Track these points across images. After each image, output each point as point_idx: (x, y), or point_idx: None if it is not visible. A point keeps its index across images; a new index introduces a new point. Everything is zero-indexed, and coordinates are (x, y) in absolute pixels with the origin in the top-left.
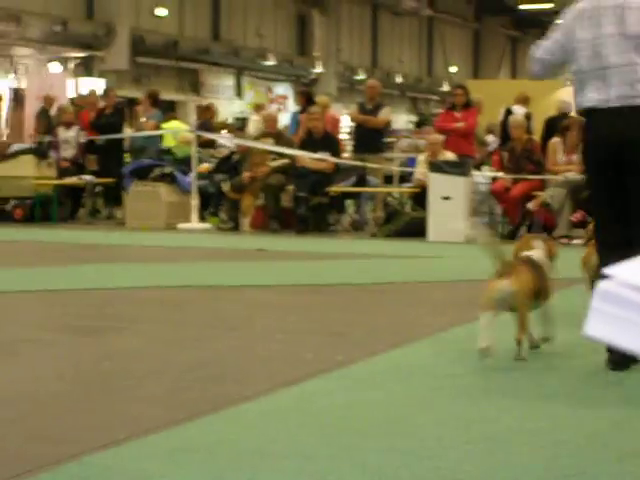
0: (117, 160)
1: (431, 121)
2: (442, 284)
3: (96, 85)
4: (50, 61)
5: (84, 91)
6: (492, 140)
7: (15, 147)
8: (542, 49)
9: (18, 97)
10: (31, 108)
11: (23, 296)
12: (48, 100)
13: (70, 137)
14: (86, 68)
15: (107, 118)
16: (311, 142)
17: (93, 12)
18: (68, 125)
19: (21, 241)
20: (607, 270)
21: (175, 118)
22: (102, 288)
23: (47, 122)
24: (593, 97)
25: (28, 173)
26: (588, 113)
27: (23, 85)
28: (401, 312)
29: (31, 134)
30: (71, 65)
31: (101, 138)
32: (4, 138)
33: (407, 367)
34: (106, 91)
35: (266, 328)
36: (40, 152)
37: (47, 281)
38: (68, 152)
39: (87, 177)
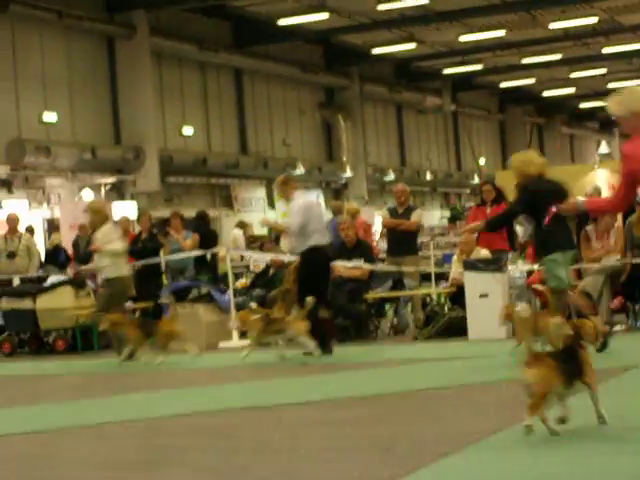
0: (155, 284)
1: (464, 215)
2: (485, 386)
3: (129, 208)
4: (82, 189)
5: (117, 216)
6: (522, 230)
7: (52, 279)
8: None
9: (52, 227)
10: (66, 237)
11: (69, 432)
12: (83, 228)
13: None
14: (118, 192)
15: (143, 243)
16: (344, 251)
17: (121, 137)
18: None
19: (64, 374)
20: None
21: None
22: (147, 418)
23: (84, 250)
24: None
25: (67, 304)
26: None
27: (57, 215)
28: (445, 419)
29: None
30: (103, 191)
31: (138, 264)
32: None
33: None
34: (140, 216)
35: (311, 448)
36: (78, 282)
37: (92, 414)
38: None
39: (126, 303)
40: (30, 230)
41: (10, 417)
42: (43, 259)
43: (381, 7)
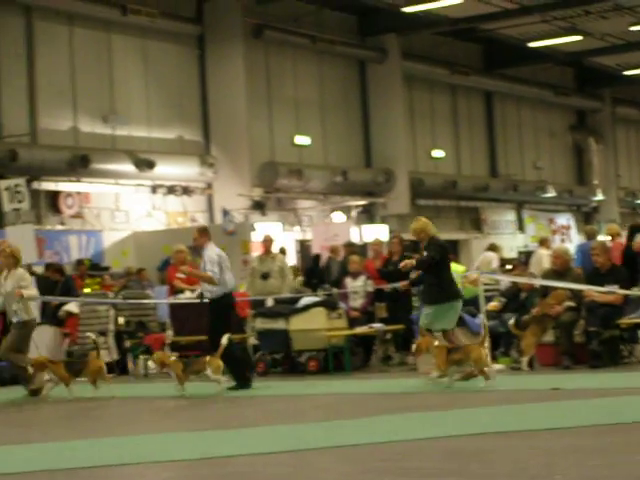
0: (406, 306)
1: None
2: None
3: (379, 231)
4: (333, 211)
5: (368, 238)
6: None
7: (305, 300)
8: None
9: (304, 249)
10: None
11: (321, 453)
12: (335, 250)
13: (358, 287)
14: (368, 215)
15: (395, 265)
16: (597, 275)
17: (371, 160)
18: (355, 275)
19: (318, 394)
20: None
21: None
22: (400, 440)
23: (338, 272)
24: None
25: (320, 325)
26: None
27: (308, 236)
28: None
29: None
30: (353, 213)
31: (388, 287)
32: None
33: None
34: (391, 238)
35: (566, 476)
36: (330, 304)
37: (344, 435)
38: (357, 302)
39: (377, 325)
40: (283, 251)
41: (268, 435)
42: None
43: (634, 28)
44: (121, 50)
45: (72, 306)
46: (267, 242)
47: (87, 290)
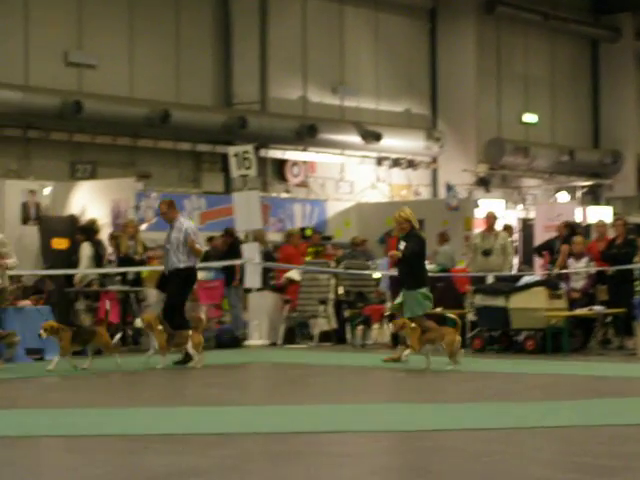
0: (628, 290)
1: None
2: None
3: (603, 213)
4: (557, 191)
5: (592, 220)
6: None
7: (526, 279)
8: None
9: (526, 227)
10: (539, 238)
11: (532, 432)
12: (561, 228)
13: (580, 268)
14: (593, 196)
15: (618, 249)
16: None
17: (599, 141)
18: (578, 256)
19: (533, 374)
20: None
21: None
22: (617, 424)
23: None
24: None
25: (540, 305)
26: None
27: (531, 215)
28: None
29: (542, 265)
30: (578, 194)
31: (611, 269)
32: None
33: None
34: (615, 220)
35: None
36: (551, 284)
37: (559, 417)
38: (578, 283)
39: (597, 308)
40: (508, 229)
41: (479, 412)
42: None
43: None
44: (353, 21)
45: (294, 273)
46: (490, 219)
47: (308, 258)
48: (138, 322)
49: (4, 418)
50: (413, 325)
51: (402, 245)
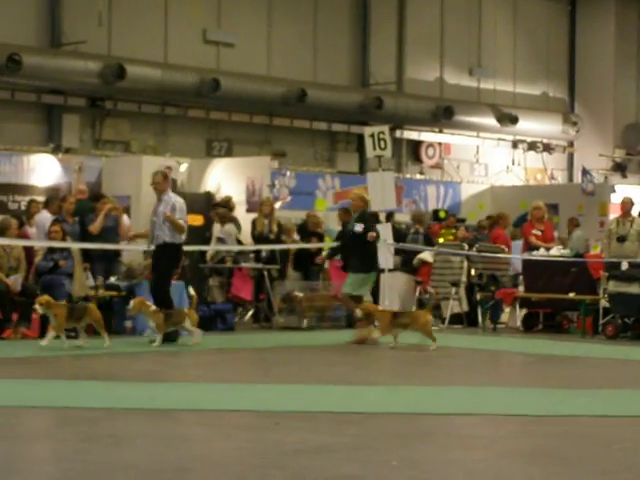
0: None
1: None
2: None
3: None
4: None
5: None
6: None
7: None
8: None
9: None
10: None
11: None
12: None
13: None
14: None
15: None
16: None
17: None
18: None
19: None
20: None
21: None
22: None
23: None
24: None
25: None
26: None
27: None
28: None
29: None
30: None
31: None
32: None
33: None
34: None
35: None
36: None
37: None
38: None
39: None
40: None
41: (611, 398)
42: None
43: None
44: (491, 3)
45: (426, 255)
46: (626, 204)
47: (441, 240)
48: (130, 306)
49: (152, 391)
50: (381, 308)
51: (358, 226)
